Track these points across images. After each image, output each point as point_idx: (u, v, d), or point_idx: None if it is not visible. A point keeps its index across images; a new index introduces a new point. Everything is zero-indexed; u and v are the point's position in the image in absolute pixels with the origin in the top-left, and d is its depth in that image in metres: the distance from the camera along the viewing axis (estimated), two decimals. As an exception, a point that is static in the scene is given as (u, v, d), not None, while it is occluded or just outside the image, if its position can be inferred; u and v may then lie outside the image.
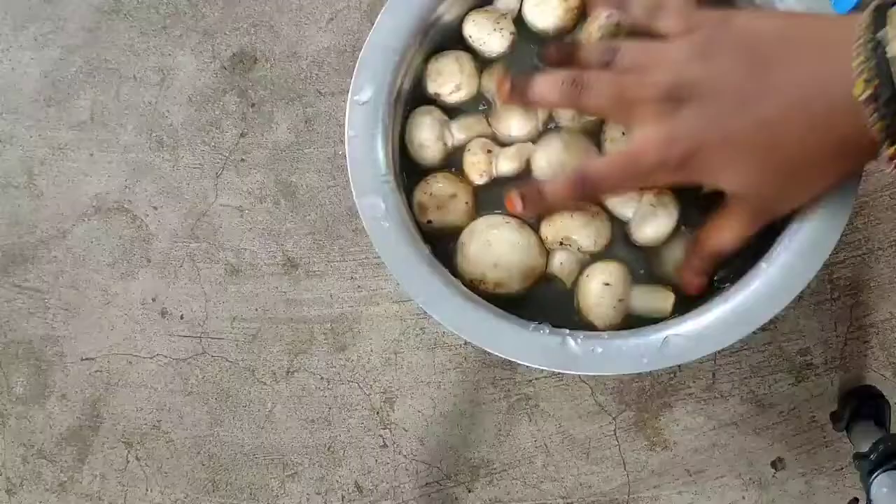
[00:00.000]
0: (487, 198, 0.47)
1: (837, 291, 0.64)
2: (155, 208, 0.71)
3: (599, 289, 0.44)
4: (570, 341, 0.42)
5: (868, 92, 0.31)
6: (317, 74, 0.71)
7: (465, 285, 0.45)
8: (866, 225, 0.65)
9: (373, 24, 0.46)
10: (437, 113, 0.48)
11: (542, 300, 0.47)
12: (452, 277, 0.45)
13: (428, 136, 0.47)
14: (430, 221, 0.46)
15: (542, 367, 0.42)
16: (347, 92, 0.45)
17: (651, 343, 0.42)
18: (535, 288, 0.46)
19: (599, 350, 0.42)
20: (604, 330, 0.44)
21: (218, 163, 0.71)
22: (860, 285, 0.64)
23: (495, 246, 0.45)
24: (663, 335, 0.42)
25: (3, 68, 0.75)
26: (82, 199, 0.72)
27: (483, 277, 0.45)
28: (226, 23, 0.73)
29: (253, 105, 0.71)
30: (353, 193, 0.44)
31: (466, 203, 0.47)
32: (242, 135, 0.71)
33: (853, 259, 0.64)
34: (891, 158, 0.33)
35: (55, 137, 0.73)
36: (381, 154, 0.45)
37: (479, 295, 0.45)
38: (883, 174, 0.65)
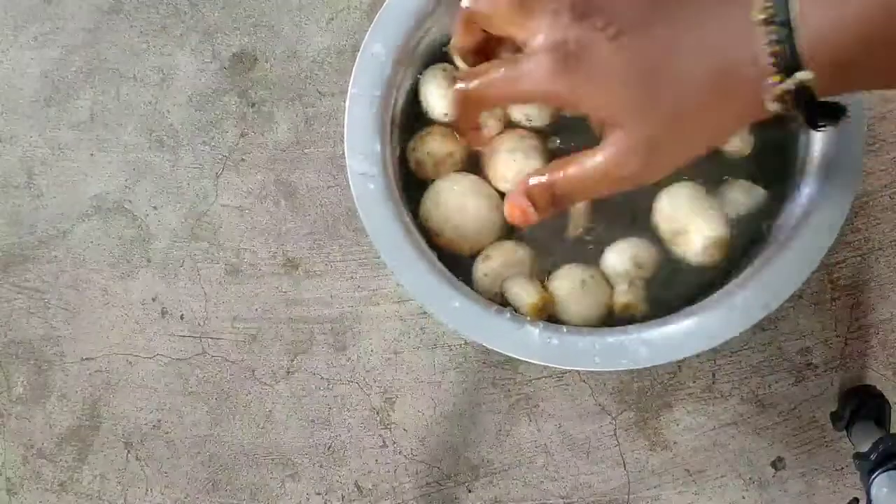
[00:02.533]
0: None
1: (837, 291, 0.64)
2: (155, 208, 0.71)
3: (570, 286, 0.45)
4: (529, 328, 0.43)
5: (763, 15, 0.31)
6: (317, 74, 0.71)
7: (427, 236, 0.46)
8: (866, 225, 0.65)
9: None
10: (451, 69, 0.49)
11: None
12: (427, 248, 0.45)
13: (437, 91, 0.48)
14: (432, 180, 0.48)
15: (492, 348, 0.43)
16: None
17: (607, 344, 0.42)
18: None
19: (555, 342, 0.42)
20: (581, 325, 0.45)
21: (218, 163, 0.71)
22: (860, 285, 0.64)
23: (450, 203, 0.46)
24: (621, 338, 0.42)
25: (3, 68, 0.75)
26: (82, 199, 0.72)
27: (440, 231, 0.46)
28: (226, 23, 0.73)
29: (253, 105, 0.71)
30: (346, 150, 0.45)
31: (462, 161, 0.48)
32: (242, 135, 0.71)
33: (853, 259, 0.64)
34: (775, 97, 0.32)
35: (55, 137, 0.73)
36: (380, 114, 0.46)
37: (440, 249, 0.46)
38: (883, 174, 0.65)
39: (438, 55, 0.50)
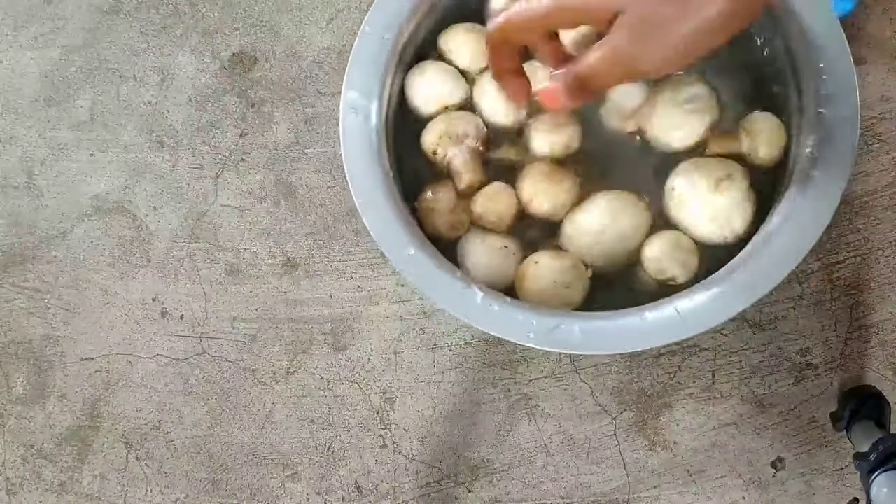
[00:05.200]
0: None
1: (837, 291, 0.64)
2: (155, 208, 0.71)
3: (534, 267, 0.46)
4: (474, 290, 0.43)
5: None
6: (317, 74, 0.71)
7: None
8: (866, 225, 0.65)
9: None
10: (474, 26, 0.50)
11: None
12: (400, 199, 0.46)
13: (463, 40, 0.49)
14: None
15: (432, 301, 0.43)
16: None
17: (544, 322, 0.43)
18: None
19: (496, 308, 0.43)
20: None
21: (218, 163, 0.71)
22: (860, 285, 0.64)
23: None
24: (559, 320, 0.43)
25: (3, 68, 0.75)
26: (82, 199, 0.72)
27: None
28: (226, 23, 0.73)
29: (253, 105, 0.71)
30: (343, 86, 0.46)
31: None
32: (242, 135, 0.71)
33: (853, 259, 0.64)
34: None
35: (55, 137, 0.73)
36: (388, 49, 0.47)
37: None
38: (883, 174, 0.65)
39: (455, 16, 0.50)
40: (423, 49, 0.51)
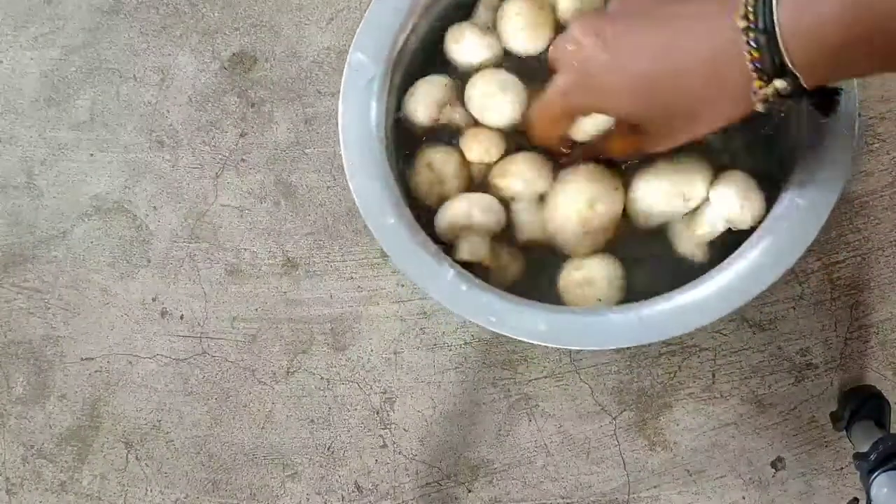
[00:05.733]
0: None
1: (837, 291, 0.64)
2: (155, 208, 0.71)
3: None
4: (447, 268, 0.44)
5: (744, 23, 0.33)
6: (317, 74, 0.71)
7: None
8: (866, 225, 0.65)
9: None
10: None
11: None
12: (389, 166, 0.46)
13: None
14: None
15: (403, 273, 0.44)
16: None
17: (507, 307, 0.43)
18: None
19: (463, 288, 0.44)
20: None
21: (218, 163, 0.71)
22: (860, 285, 0.64)
23: None
24: (522, 308, 0.43)
25: (3, 68, 0.75)
26: (82, 199, 0.72)
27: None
28: (226, 23, 0.73)
29: (253, 105, 0.71)
30: (353, 42, 0.47)
31: None
32: (242, 135, 0.71)
33: (853, 259, 0.64)
34: (762, 99, 0.34)
35: (55, 137, 0.73)
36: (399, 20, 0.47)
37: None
38: (883, 174, 0.65)
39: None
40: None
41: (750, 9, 0.33)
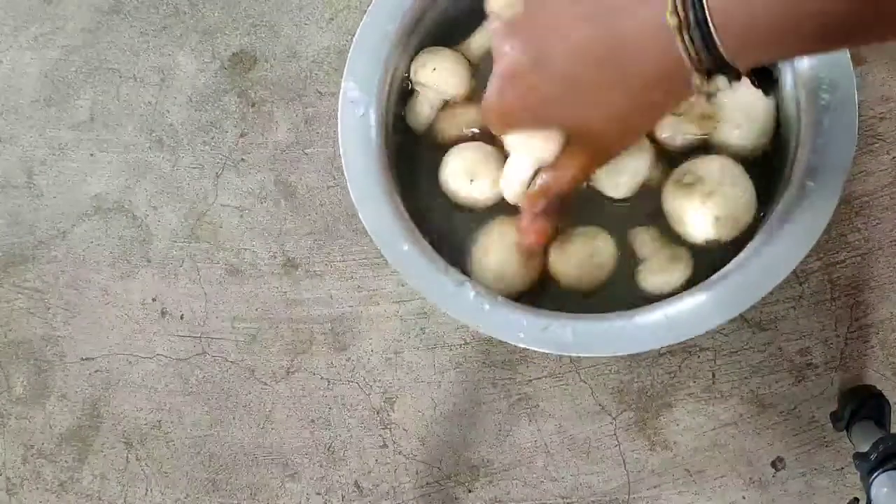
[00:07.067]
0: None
1: (837, 291, 0.64)
2: (155, 208, 0.71)
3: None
4: (467, 289, 0.44)
5: (677, 20, 0.33)
6: (317, 74, 0.71)
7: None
8: (866, 225, 0.65)
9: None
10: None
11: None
12: (396, 194, 0.46)
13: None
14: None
15: (425, 297, 0.44)
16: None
17: (535, 322, 0.44)
18: None
19: (487, 307, 0.44)
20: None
21: (218, 163, 0.71)
22: (860, 285, 0.64)
23: None
24: (550, 321, 0.43)
25: (3, 68, 0.75)
26: (82, 199, 0.72)
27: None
28: (226, 23, 0.73)
29: (253, 105, 0.72)
30: (344, 72, 0.48)
31: None
32: (242, 135, 0.71)
33: (853, 259, 0.64)
34: (698, 90, 0.35)
35: (55, 137, 0.73)
36: (389, 41, 0.48)
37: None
38: (883, 174, 0.65)
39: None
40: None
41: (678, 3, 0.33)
